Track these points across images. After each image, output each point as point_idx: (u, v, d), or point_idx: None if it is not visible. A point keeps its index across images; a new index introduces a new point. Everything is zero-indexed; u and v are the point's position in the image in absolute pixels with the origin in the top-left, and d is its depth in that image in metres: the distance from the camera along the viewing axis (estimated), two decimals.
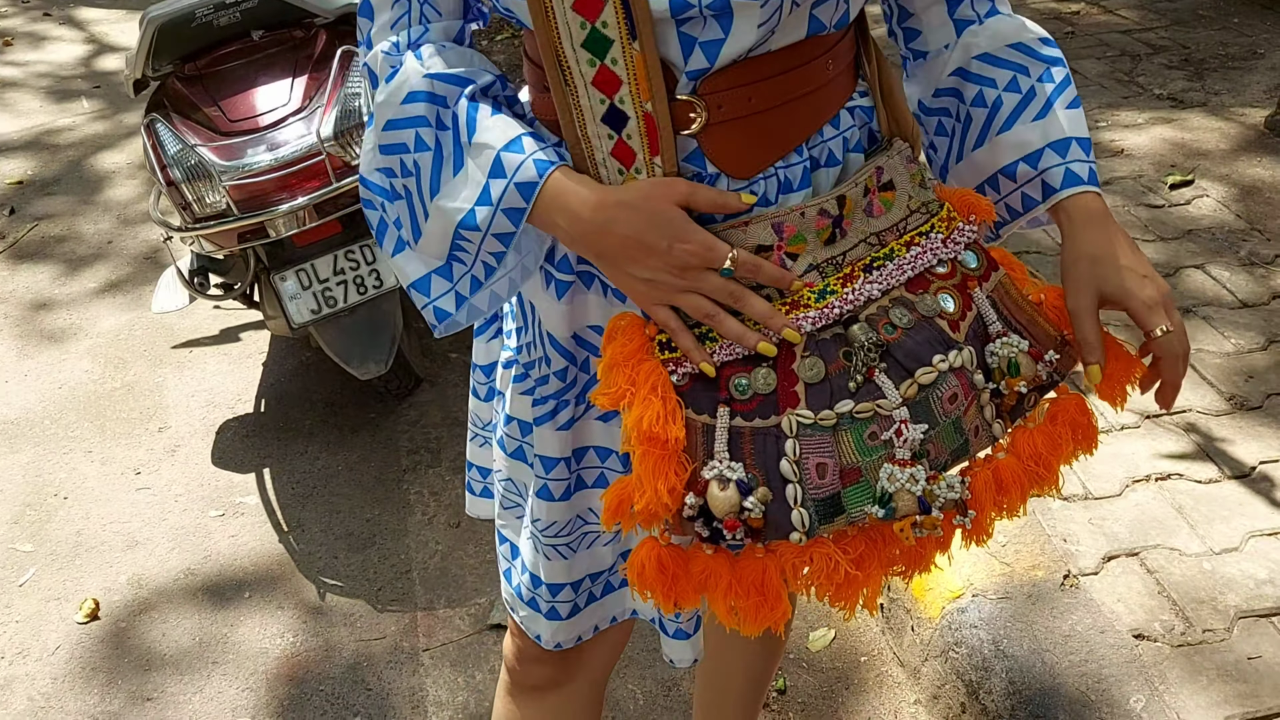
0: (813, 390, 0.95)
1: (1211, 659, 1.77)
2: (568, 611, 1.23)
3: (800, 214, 0.98)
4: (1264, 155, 3.41)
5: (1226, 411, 2.33)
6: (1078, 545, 2.02)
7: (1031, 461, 1.02)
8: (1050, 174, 1.04)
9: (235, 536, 2.53)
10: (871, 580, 0.98)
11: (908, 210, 1.03)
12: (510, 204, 0.96)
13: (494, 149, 0.96)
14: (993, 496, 1.00)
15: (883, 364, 0.96)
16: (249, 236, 2.43)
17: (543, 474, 1.15)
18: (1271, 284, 2.77)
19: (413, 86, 0.99)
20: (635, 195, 0.94)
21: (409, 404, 2.93)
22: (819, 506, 0.94)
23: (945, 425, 0.97)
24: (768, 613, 0.98)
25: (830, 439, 0.94)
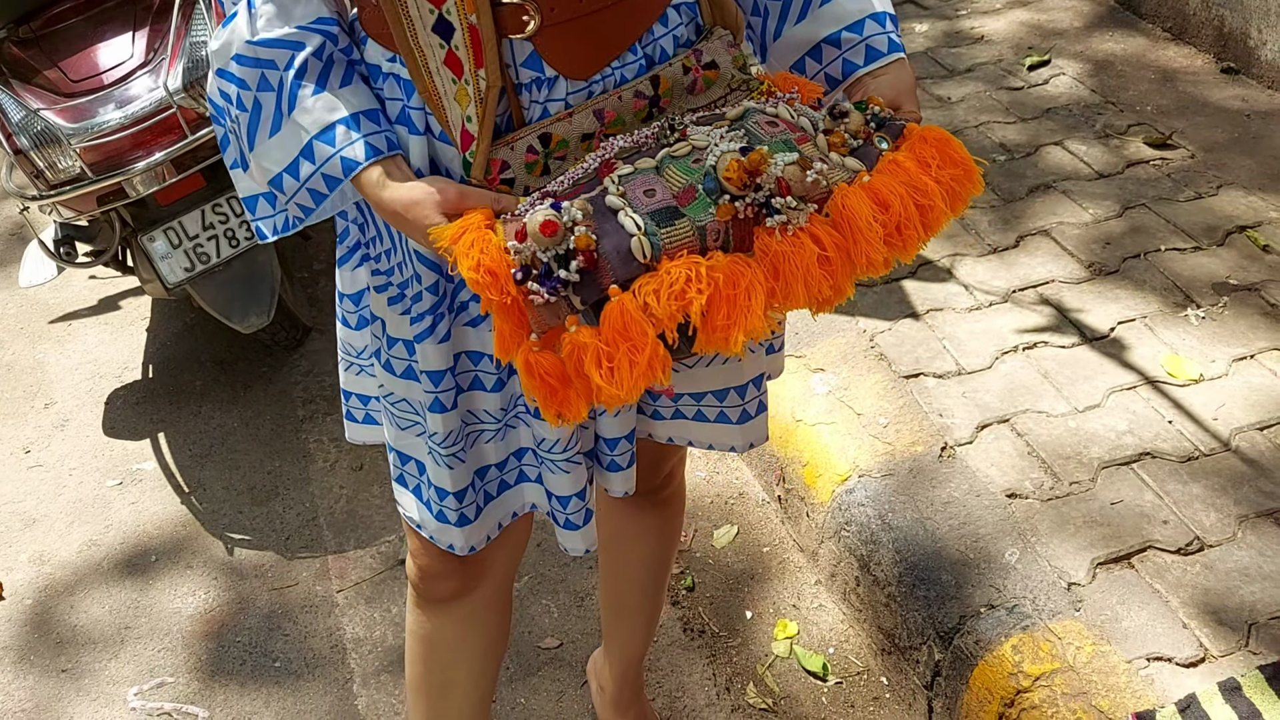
0: (630, 159, 1.01)
1: (1078, 508, 1.89)
2: (474, 514, 1.28)
3: (618, 98, 1.04)
4: (1115, 30, 3.52)
5: (1086, 279, 2.44)
6: (953, 418, 2.12)
7: (904, 179, 0.99)
8: (875, 40, 1.14)
9: (136, 504, 2.51)
10: (752, 299, 0.93)
11: (728, 88, 1.10)
12: (315, 187, 1.06)
13: (308, 133, 1.04)
14: (869, 205, 0.97)
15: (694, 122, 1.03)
16: (109, 199, 2.37)
17: (432, 388, 1.19)
18: (1125, 153, 2.88)
19: (237, 50, 1.05)
20: (404, 203, 1.02)
21: (300, 355, 2.91)
22: (654, 215, 0.94)
23: (774, 141, 0.99)
24: (639, 358, 0.91)
25: (654, 175, 0.98)
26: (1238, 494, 1.88)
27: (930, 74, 3.41)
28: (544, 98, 1.05)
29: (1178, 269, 2.43)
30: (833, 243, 0.95)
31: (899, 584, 1.87)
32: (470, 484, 1.26)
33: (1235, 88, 3.12)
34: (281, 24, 1.04)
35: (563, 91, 1.05)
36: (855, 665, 1.99)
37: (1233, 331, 2.24)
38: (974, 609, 1.76)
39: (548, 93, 1.04)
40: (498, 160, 1.03)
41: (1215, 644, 1.63)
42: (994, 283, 2.46)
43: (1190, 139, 2.91)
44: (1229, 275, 2.40)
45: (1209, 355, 2.19)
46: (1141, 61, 3.32)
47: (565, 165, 1.05)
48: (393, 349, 1.23)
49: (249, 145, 1.08)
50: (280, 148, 1.06)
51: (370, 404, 1.38)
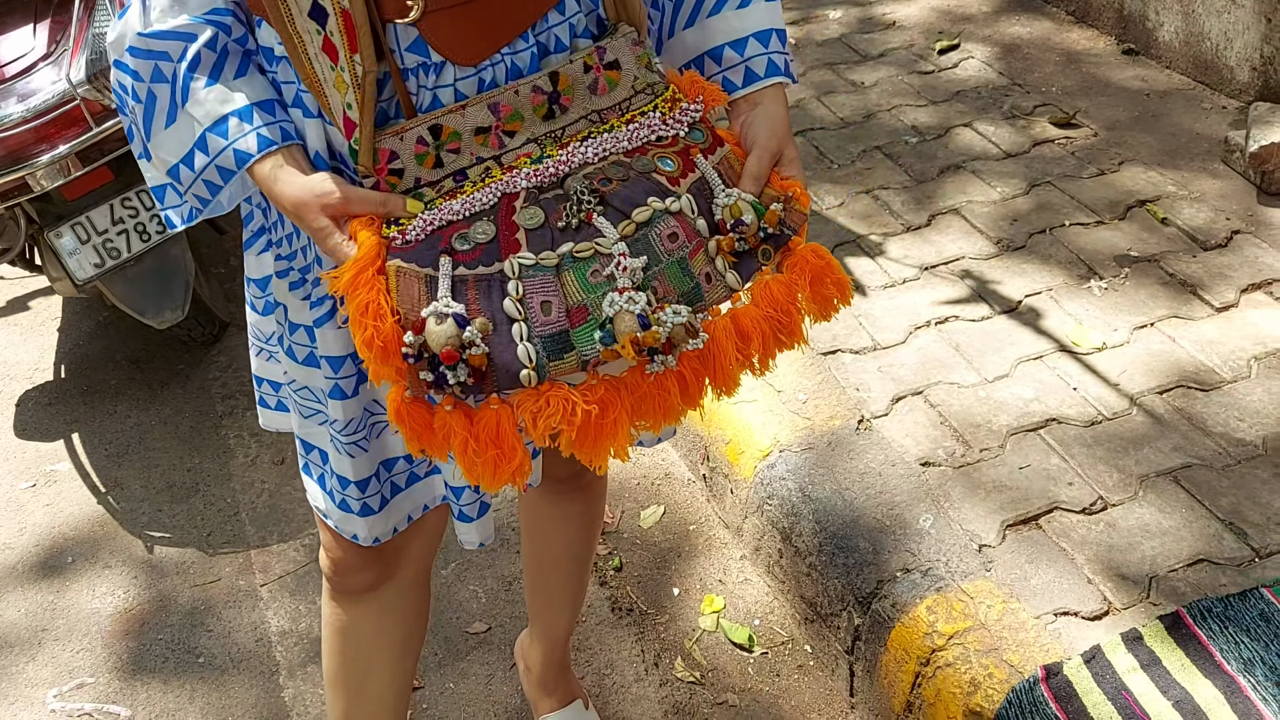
0: (533, 235, 1.00)
1: (988, 474, 1.95)
2: (378, 504, 1.27)
3: (514, 92, 1.03)
4: (1022, 14, 3.61)
5: (995, 254, 2.51)
6: (869, 392, 2.16)
7: (769, 308, 1.07)
8: (754, 62, 1.13)
9: (50, 505, 2.46)
10: (618, 429, 1.01)
11: (632, 90, 1.09)
12: (209, 178, 1.06)
13: (201, 125, 1.03)
14: (734, 342, 1.05)
15: (600, 207, 1.02)
16: (12, 194, 2.31)
17: (331, 374, 1.18)
18: (1031, 133, 2.96)
19: (131, 42, 1.04)
20: (292, 203, 1.02)
21: (218, 350, 2.87)
22: (546, 343, 0.97)
23: (670, 264, 1.02)
24: (505, 465, 0.99)
25: (554, 278, 0.99)
26: (1139, 455, 1.95)
27: (844, 59, 3.47)
28: (432, 84, 1.02)
29: (1081, 243, 2.51)
30: (694, 375, 1.03)
31: (819, 553, 1.91)
32: (375, 474, 1.25)
33: (1136, 68, 3.23)
34: (176, 14, 1.03)
35: (451, 77, 1.03)
36: (780, 635, 2.02)
37: (1133, 301, 2.32)
38: (890, 574, 1.80)
39: (435, 79, 1.02)
40: (385, 150, 1.02)
41: (1118, 597, 1.70)
42: (908, 260, 2.52)
43: (1094, 118, 3.00)
44: (1130, 248, 2.48)
45: (1111, 324, 2.26)
46: (1047, 44, 3.41)
47: (459, 159, 1.03)
48: (294, 335, 1.22)
49: (146, 136, 1.08)
50: (175, 139, 1.05)
51: (281, 390, 1.37)
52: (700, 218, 1.05)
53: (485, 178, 1.04)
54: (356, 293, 0.98)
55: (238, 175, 1.05)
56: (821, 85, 3.30)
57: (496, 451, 0.99)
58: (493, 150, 1.04)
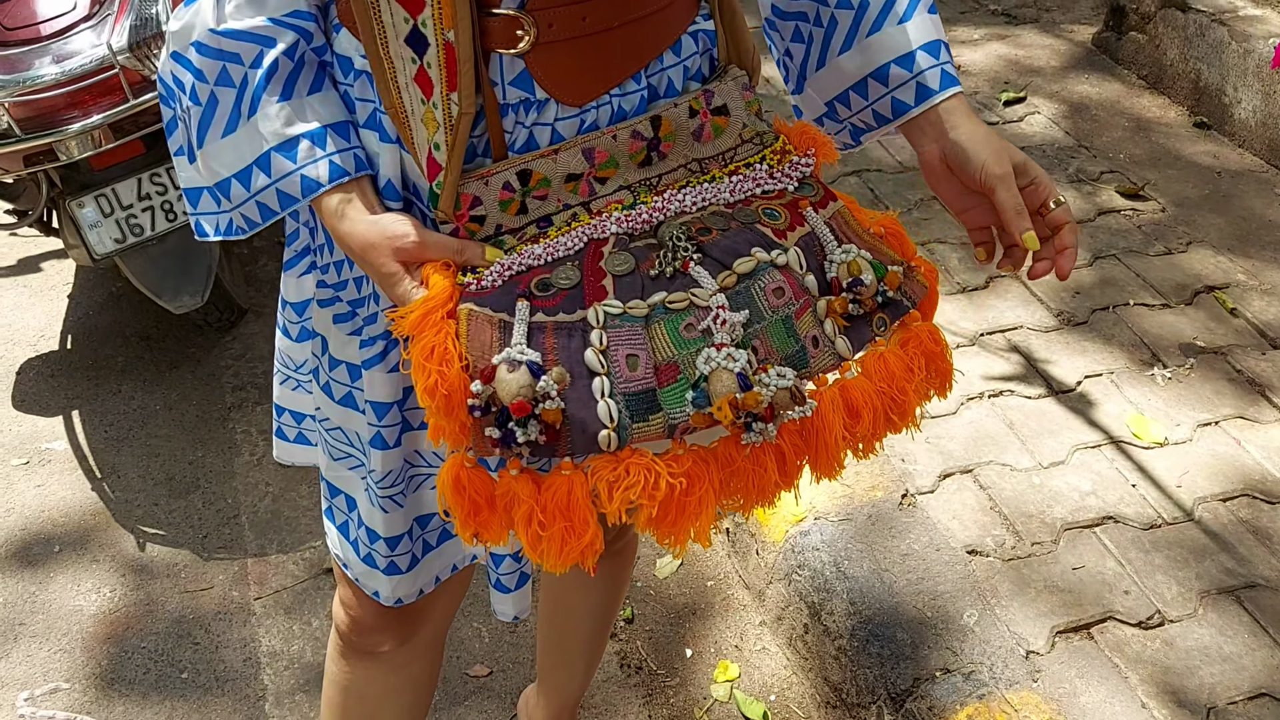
0: (622, 282, 0.89)
1: (1039, 571, 1.83)
2: (407, 564, 1.16)
3: (612, 137, 0.93)
4: (1091, 73, 3.50)
5: (1055, 327, 2.40)
6: (915, 465, 2.05)
7: (884, 383, 0.94)
8: (926, 76, 1.00)
9: (42, 486, 2.34)
10: (704, 508, 0.88)
11: (739, 139, 0.98)
12: (266, 201, 0.94)
13: (267, 144, 0.92)
14: (841, 418, 0.91)
15: (697, 255, 0.90)
16: (38, 159, 2.19)
17: (375, 421, 1.07)
18: (1097, 200, 2.85)
19: (199, 36, 0.92)
20: (359, 244, 0.92)
21: (233, 337, 2.75)
22: (630, 401, 0.85)
23: (773, 321, 0.89)
24: (574, 540, 0.87)
25: (642, 330, 0.87)
26: (1200, 567, 1.83)
27: None
28: (530, 121, 0.92)
29: (1146, 325, 2.40)
30: (794, 452, 0.90)
31: (851, 637, 1.79)
32: (407, 531, 1.14)
33: (1208, 143, 3.11)
34: (253, 13, 0.91)
35: (551, 116, 0.93)
36: (797, 715, 1.91)
37: (1198, 395, 2.21)
38: (929, 672, 1.69)
39: (535, 116, 0.92)
40: (469, 195, 0.91)
41: None
42: (962, 324, 2.41)
43: (1162, 192, 2.88)
44: (1196, 336, 2.37)
45: (1174, 418, 2.15)
46: (1116, 108, 3.30)
47: (545, 206, 0.93)
48: (334, 371, 1.10)
49: (198, 141, 0.96)
50: (233, 151, 0.94)
51: (305, 422, 1.26)
52: (809, 274, 0.93)
53: (572, 223, 0.94)
54: (423, 335, 0.86)
55: (301, 204, 0.93)
56: None
57: (566, 524, 0.86)
58: (581, 197, 0.94)
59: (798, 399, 0.87)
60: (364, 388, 1.07)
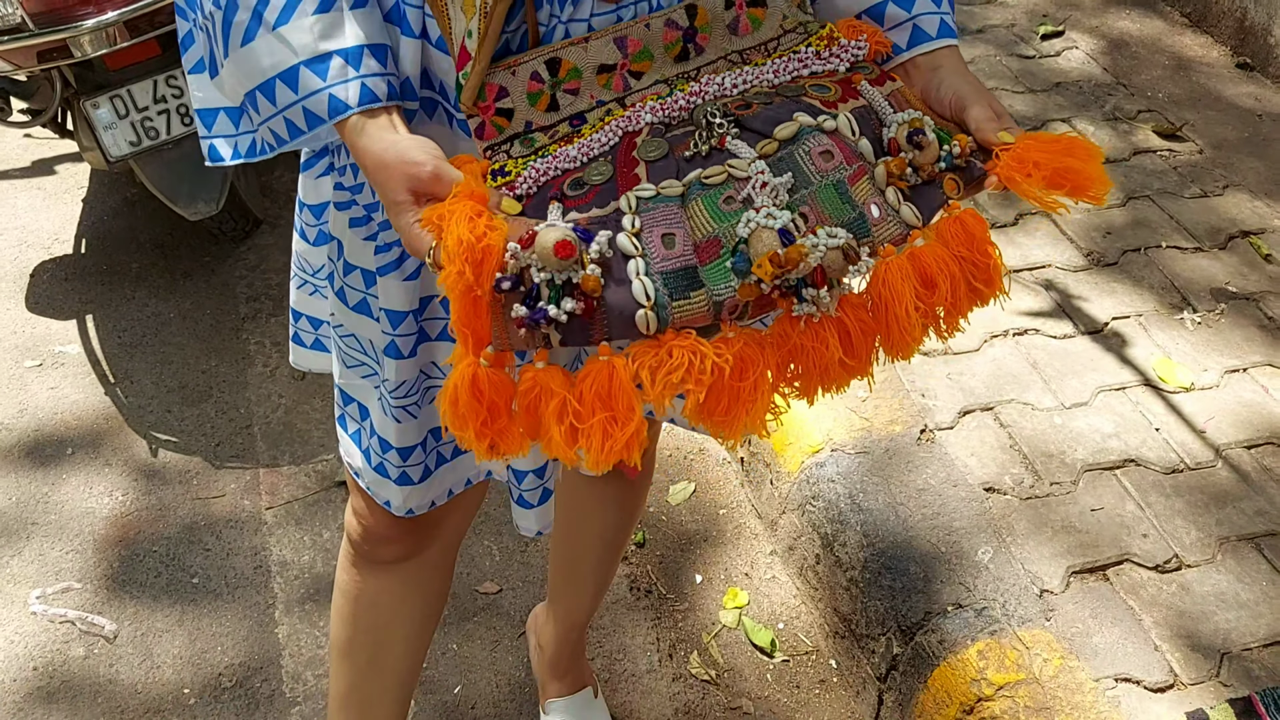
0: (655, 167, 0.83)
1: (1057, 511, 1.81)
2: (419, 475, 1.15)
3: (645, 26, 0.88)
4: (1133, 8, 3.39)
5: (1084, 267, 2.35)
6: (935, 400, 2.02)
7: (963, 248, 0.84)
8: (925, 20, 0.95)
9: (55, 388, 2.33)
10: (758, 394, 0.80)
11: (780, 30, 0.93)
12: (292, 118, 0.88)
13: (297, 57, 0.86)
14: (912, 287, 0.82)
15: (735, 129, 0.84)
16: (51, 55, 2.14)
17: (389, 329, 1.04)
18: (1133, 139, 2.78)
19: None
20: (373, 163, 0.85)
21: (248, 247, 2.72)
22: (668, 279, 0.78)
23: (823, 186, 0.82)
24: (618, 432, 0.77)
25: (678, 209, 0.80)
26: (1220, 513, 1.81)
27: None
28: (566, 16, 0.88)
29: (1177, 268, 2.35)
30: (861, 329, 0.82)
31: (863, 569, 1.78)
32: (421, 443, 1.12)
33: (1250, 85, 3.02)
34: None
35: (588, 10, 0.88)
36: (804, 644, 1.91)
37: (1227, 341, 2.17)
38: (941, 606, 1.67)
39: (572, 10, 0.88)
40: (494, 86, 0.86)
41: (1186, 670, 1.57)
42: None
43: (1200, 133, 2.81)
44: (1228, 281, 2.31)
45: (1201, 363, 2.11)
46: (1157, 45, 3.20)
47: (577, 102, 0.88)
48: (349, 276, 1.07)
49: (224, 50, 0.89)
50: (249, 62, 0.87)
51: (321, 328, 1.23)
52: (863, 139, 0.85)
53: (606, 118, 0.89)
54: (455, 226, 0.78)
55: (326, 124, 0.87)
56: None
57: (608, 414, 0.77)
58: (615, 92, 0.89)
59: (853, 258, 0.79)
60: (379, 295, 1.04)
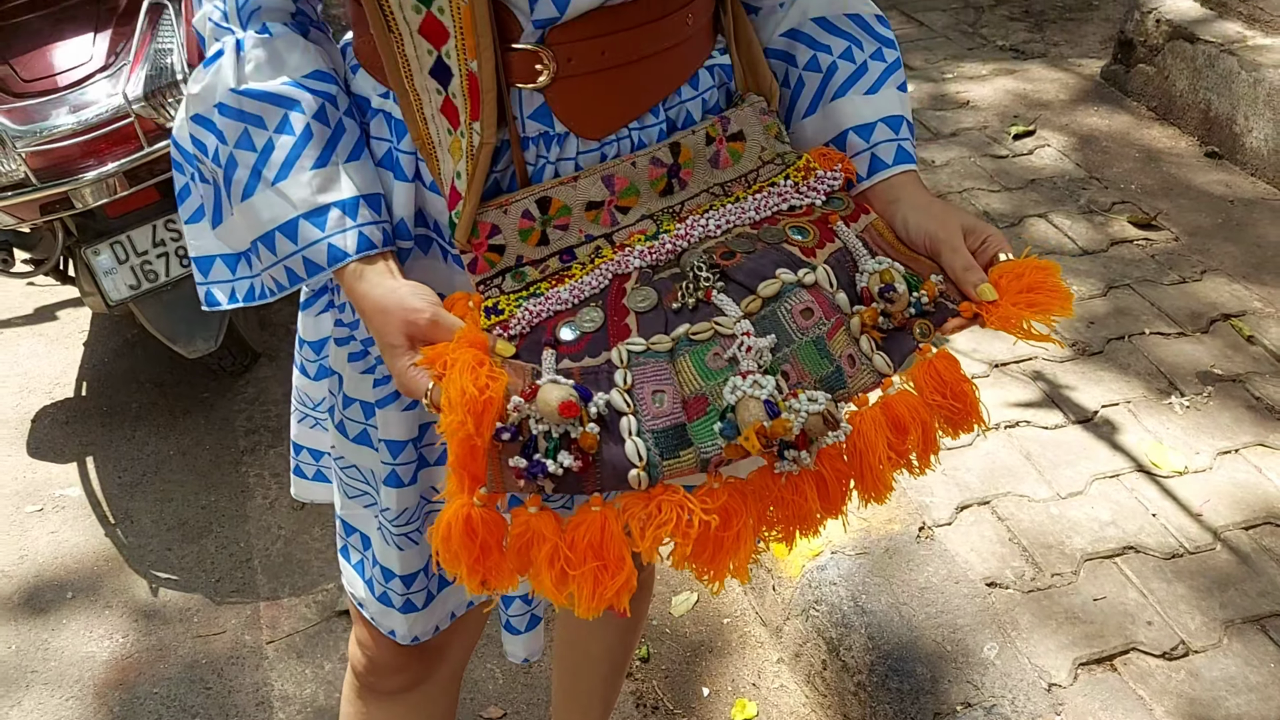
0: (645, 319, 0.86)
1: (1060, 602, 1.80)
2: (423, 601, 1.15)
3: (631, 164, 0.91)
4: (1100, 105, 3.50)
5: (1070, 358, 2.38)
6: (931, 496, 2.02)
7: (935, 393, 0.87)
8: (882, 149, 0.99)
9: (55, 533, 2.34)
10: (741, 543, 0.83)
11: (759, 161, 0.97)
12: (292, 266, 0.92)
13: (295, 211, 0.90)
14: (885, 437, 0.86)
15: (720, 283, 0.87)
16: (54, 207, 2.22)
17: (390, 459, 1.05)
18: (1109, 230, 2.84)
19: (220, 99, 0.92)
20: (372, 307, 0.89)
21: (246, 380, 2.76)
22: (659, 438, 0.82)
23: (803, 344, 0.86)
24: (608, 580, 0.80)
25: (667, 365, 0.84)
26: (1223, 597, 1.80)
27: (916, 135, 3.36)
28: (554, 156, 0.92)
29: (1161, 354, 2.38)
30: (836, 477, 0.85)
31: (870, 672, 1.76)
32: (423, 568, 1.12)
33: (1219, 172, 3.10)
34: (272, 73, 0.91)
35: (573, 150, 0.92)
36: None
37: (1217, 423, 2.18)
38: (950, 706, 1.65)
39: (558, 151, 0.91)
40: (487, 224, 0.90)
41: None
42: (977, 354, 2.39)
43: (1174, 221, 2.87)
44: (1213, 364, 2.34)
45: (1193, 446, 2.12)
46: (1126, 139, 3.30)
47: (567, 237, 0.91)
48: (348, 409, 1.09)
49: (217, 208, 0.95)
50: (251, 215, 0.92)
51: (323, 460, 1.25)
52: (840, 291, 0.89)
53: (595, 258, 0.91)
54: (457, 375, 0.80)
55: (326, 273, 0.91)
56: None
57: (599, 563, 0.80)
58: (604, 227, 0.92)
59: (831, 424, 0.82)
60: (378, 426, 1.06)
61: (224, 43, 0.93)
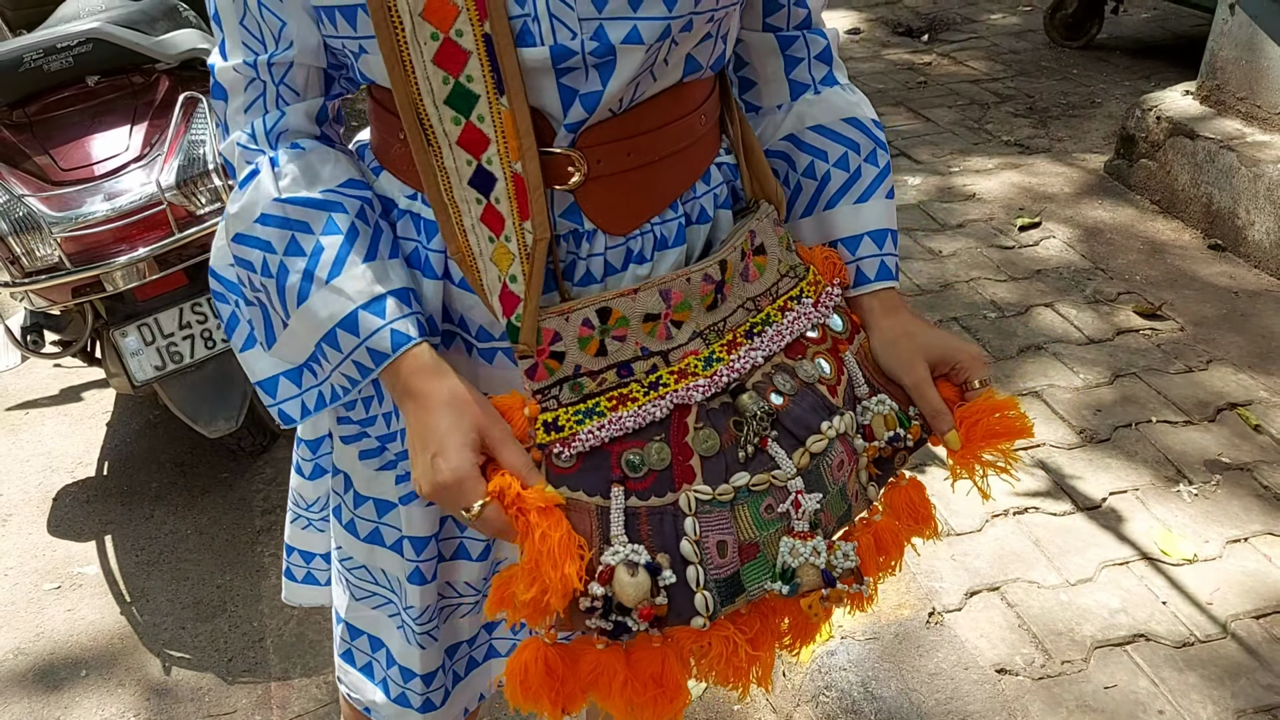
0: (708, 464, 0.91)
1: (1070, 690, 1.80)
2: (441, 699, 1.15)
3: (686, 280, 0.94)
4: (1104, 198, 3.58)
5: (1078, 445, 2.40)
6: (941, 582, 2.03)
7: (910, 519, 1.02)
8: (866, 263, 1.05)
9: (72, 610, 2.36)
10: (765, 657, 0.94)
11: (779, 274, 1.02)
12: (360, 359, 0.92)
13: (352, 303, 0.90)
14: (874, 559, 0.99)
15: (774, 433, 0.93)
16: (85, 290, 2.29)
17: (414, 557, 1.05)
18: (1115, 320, 2.88)
19: (264, 209, 0.93)
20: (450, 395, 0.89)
21: (265, 460, 2.80)
22: (721, 587, 0.89)
23: (834, 494, 0.95)
24: (666, 705, 0.90)
25: (729, 515, 0.90)
26: (1235, 686, 1.79)
27: (922, 226, 3.44)
28: (584, 252, 0.94)
29: (1169, 442, 2.40)
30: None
31: None
32: (441, 665, 1.13)
33: (1223, 264, 3.16)
34: (309, 185, 0.93)
35: (601, 246, 0.94)
36: None
37: (1226, 512, 2.19)
38: None
39: (588, 247, 0.94)
40: (550, 330, 0.91)
41: None
42: None
43: (1180, 312, 2.91)
44: (1221, 453, 2.36)
45: (1202, 535, 2.13)
46: (1130, 232, 3.36)
47: (624, 349, 0.94)
48: (360, 508, 1.08)
49: (284, 315, 0.94)
50: (309, 317, 0.92)
51: (314, 562, 1.25)
52: (858, 435, 0.99)
53: (653, 380, 0.94)
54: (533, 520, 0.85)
55: (392, 359, 0.90)
56: (899, 250, 3.26)
57: (658, 690, 0.90)
58: (660, 342, 0.94)
59: (858, 578, 0.92)
60: (401, 524, 1.05)
61: (257, 162, 0.95)
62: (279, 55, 0.92)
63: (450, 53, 0.84)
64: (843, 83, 1.09)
